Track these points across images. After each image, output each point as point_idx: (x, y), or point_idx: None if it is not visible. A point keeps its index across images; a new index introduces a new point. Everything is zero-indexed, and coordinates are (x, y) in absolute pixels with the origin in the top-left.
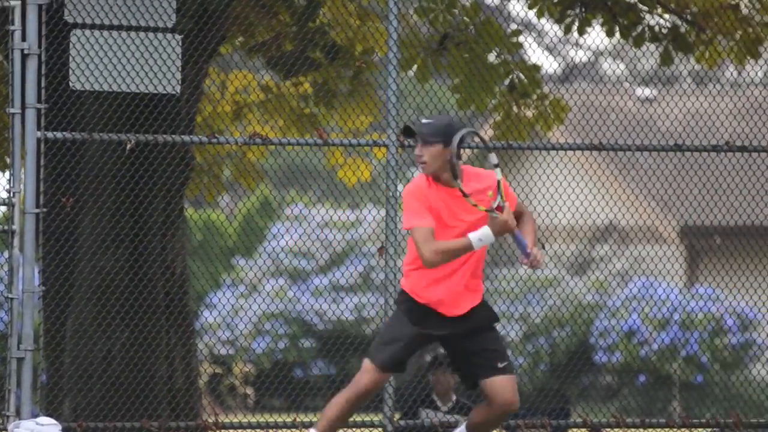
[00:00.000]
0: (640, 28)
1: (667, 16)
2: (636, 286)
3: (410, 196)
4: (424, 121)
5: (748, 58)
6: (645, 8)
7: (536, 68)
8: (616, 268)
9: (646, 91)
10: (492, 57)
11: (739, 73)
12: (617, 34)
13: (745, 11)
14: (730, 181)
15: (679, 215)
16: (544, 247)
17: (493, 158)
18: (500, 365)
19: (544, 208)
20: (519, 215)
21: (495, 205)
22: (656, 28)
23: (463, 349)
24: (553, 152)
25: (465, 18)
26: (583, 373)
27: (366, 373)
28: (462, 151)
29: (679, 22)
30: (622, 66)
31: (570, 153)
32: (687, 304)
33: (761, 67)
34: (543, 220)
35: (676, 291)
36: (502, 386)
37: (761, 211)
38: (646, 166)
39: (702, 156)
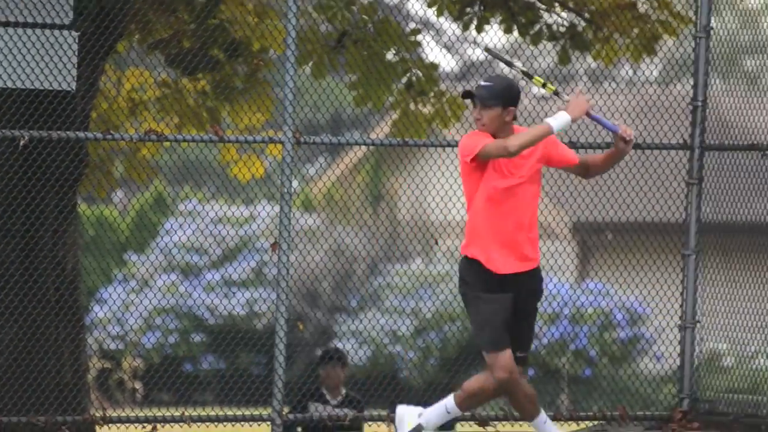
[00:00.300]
0: (537, 27)
1: (564, 14)
2: None
3: (471, 134)
4: (482, 83)
5: (644, 55)
6: (543, 6)
7: (434, 66)
8: None
9: (543, 90)
10: (390, 55)
11: (635, 72)
12: (515, 32)
13: (642, 9)
14: (622, 177)
15: (572, 211)
16: (437, 243)
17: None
18: (519, 354)
19: (438, 204)
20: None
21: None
22: (554, 27)
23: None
24: (448, 149)
25: (364, 16)
26: (473, 367)
27: None
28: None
29: (576, 21)
30: (519, 64)
31: None
32: (577, 299)
33: (656, 66)
34: (437, 217)
35: (567, 286)
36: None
37: (653, 207)
38: None
39: (596, 153)
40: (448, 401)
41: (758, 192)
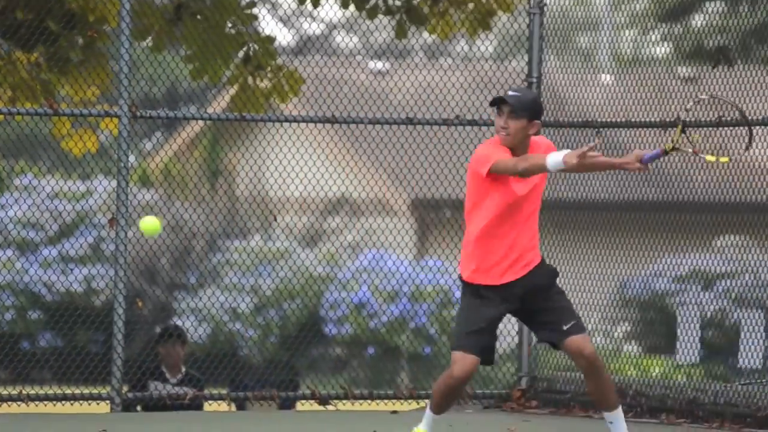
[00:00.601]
0: (373, 1)
1: None
2: (366, 258)
3: (488, 144)
4: (512, 92)
5: (480, 30)
6: None
7: (270, 39)
8: (347, 241)
9: (379, 65)
10: (227, 28)
11: (470, 48)
12: (351, 7)
13: None
14: (460, 154)
15: (410, 188)
16: (276, 219)
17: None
18: (565, 327)
19: (276, 180)
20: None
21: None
22: (390, 1)
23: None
24: (286, 125)
25: None
26: (312, 345)
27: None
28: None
29: None
30: (355, 39)
31: (303, 125)
32: (416, 277)
33: (491, 42)
34: (276, 193)
35: (406, 263)
36: (575, 346)
37: None
38: (378, 139)
39: (433, 129)
40: (427, 410)
41: None
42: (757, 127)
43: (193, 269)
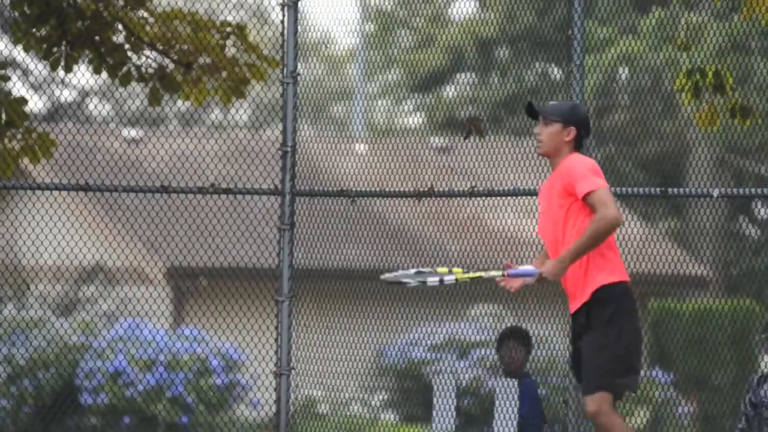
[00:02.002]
0: (126, 67)
1: (153, 55)
2: (122, 327)
3: (580, 162)
4: (551, 102)
5: (234, 98)
6: (131, 48)
7: (22, 100)
8: (102, 309)
9: (133, 132)
10: None
11: (225, 116)
12: (104, 74)
13: (230, 53)
14: (215, 222)
15: (165, 256)
16: (29, 287)
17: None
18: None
19: (29, 248)
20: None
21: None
22: (143, 68)
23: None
24: (39, 192)
25: None
26: (68, 415)
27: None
28: None
29: (165, 62)
30: (108, 106)
31: (56, 193)
32: (173, 345)
33: (245, 111)
34: (29, 261)
35: (162, 332)
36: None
37: (246, 252)
38: (132, 207)
39: (188, 198)
40: None
41: (349, 238)
42: (508, 198)
43: None
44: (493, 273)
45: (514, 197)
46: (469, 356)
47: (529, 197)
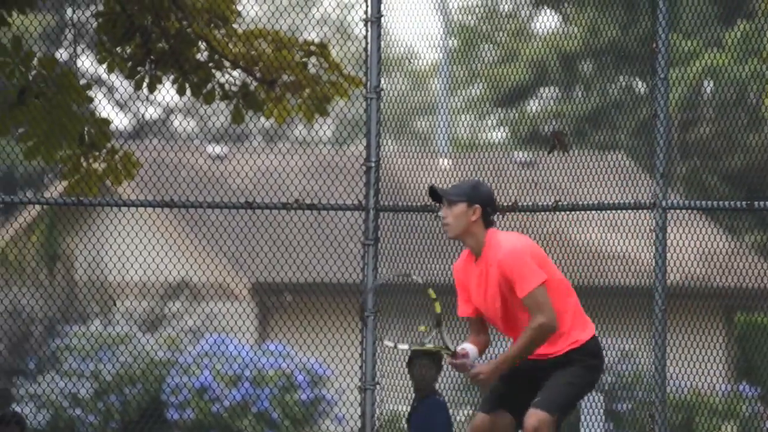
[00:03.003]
0: (210, 86)
1: (236, 73)
2: (208, 342)
3: (517, 255)
4: (452, 185)
5: (317, 115)
6: (214, 66)
7: (106, 122)
8: (188, 325)
9: (217, 149)
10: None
11: (308, 132)
12: (188, 92)
13: (313, 70)
14: (300, 238)
15: (250, 272)
16: (115, 303)
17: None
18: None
19: (115, 264)
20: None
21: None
22: (226, 86)
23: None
24: (125, 209)
25: (42, 71)
26: (154, 430)
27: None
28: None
29: (248, 80)
30: (193, 123)
31: (142, 210)
32: (258, 361)
33: (329, 126)
34: (115, 277)
35: (248, 347)
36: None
37: (330, 268)
38: (217, 224)
39: (272, 213)
40: None
41: (433, 252)
42: (592, 212)
43: (31, 354)
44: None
45: (598, 211)
46: None
47: (613, 211)
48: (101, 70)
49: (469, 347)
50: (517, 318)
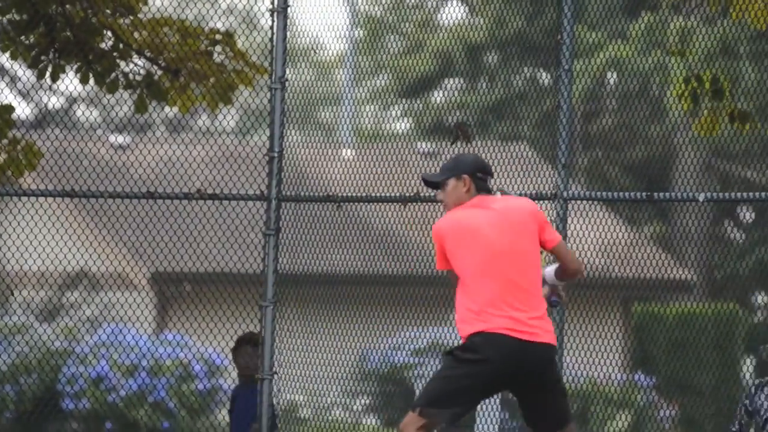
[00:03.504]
0: (114, 75)
1: (141, 62)
2: (105, 332)
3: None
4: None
5: (221, 105)
6: (119, 55)
7: (7, 109)
8: (86, 315)
9: (120, 139)
10: None
11: (212, 122)
12: (91, 81)
13: (217, 59)
14: (201, 228)
15: (150, 262)
16: (13, 293)
17: None
18: None
19: (14, 254)
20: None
21: None
22: (130, 75)
23: None
24: (24, 198)
25: None
26: (49, 420)
27: None
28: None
29: (153, 69)
30: (96, 113)
31: (42, 199)
32: (155, 351)
33: (232, 117)
34: (13, 267)
35: (145, 337)
36: None
37: (230, 258)
38: (118, 213)
39: (174, 203)
40: None
41: (334, 242)
42: None
43: None
44: None
45: None
46: None
47: None
48: (4, 59)
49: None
50: (526, 251)
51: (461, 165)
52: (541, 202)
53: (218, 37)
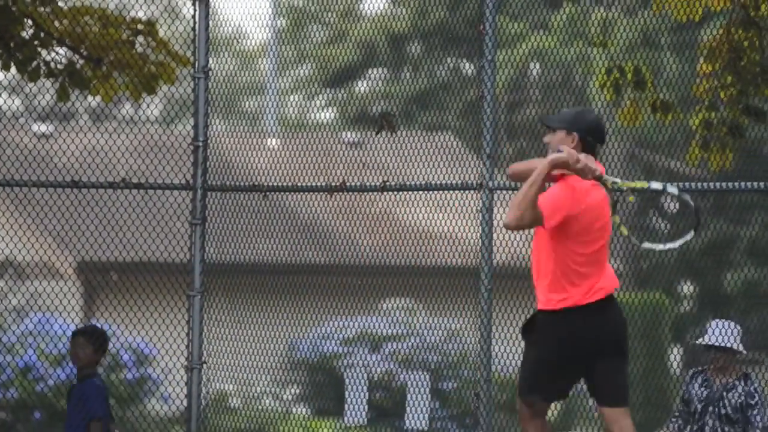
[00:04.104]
0: (35, 63)
1: (62, 51)
2: (32, 321)
3: (564, 191)
4: (562, 110)
5: (145, 94)
6: (40, 44)
7: None
8: (12, 304)
9: (43, 127)
10: None
11: (136, 111)
12: (13, 69)
13: (140, 49)
14: (126, 217)
15: (76, 251)
16: None
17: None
18: None
19: None
20: None
21: None
22: (52, 64)
23: None
24: None
25: None
26: None
27: None
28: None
29: (75, 58)
30: (18, 101)
31: None
32: None
33: (156, 106)
34: None
35: (73, 326)
36: None
37: (157, 247)
38: (42, 202)
39: (99, 192)
40: None
41: (261, 232)
42: (420, 193)
43: None
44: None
45: (425, 192)
46: (381, 350)
47: (440, 192)
48: None
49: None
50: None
51: (578, 122)
52: (467, 192)
53: (140, 26)
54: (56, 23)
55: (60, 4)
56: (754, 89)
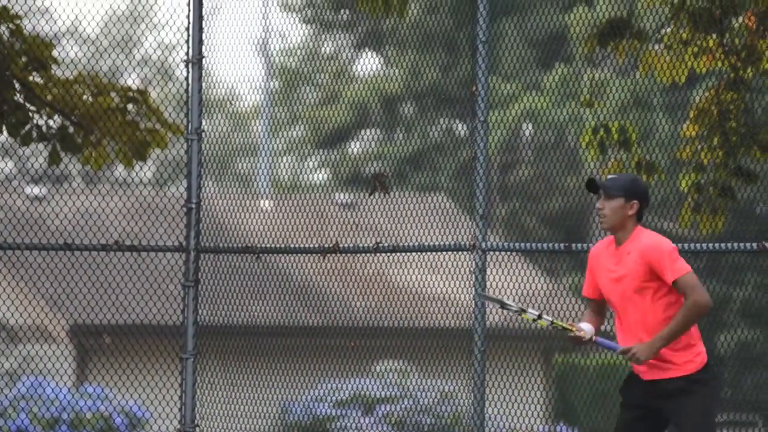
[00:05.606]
0: (28, 127)
1: (55, 116)
2: (25, 385)
3: (665, 244)
4: (609, 176)
5: (135, 161)
6: (33, 108)
7: None
8: (5, 368)
9: (36, 190)
10: None
11: (129, 173)
12: (5, 132)
13: (129, 117)
14: (119, 280)
15: (69, 314)
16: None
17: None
18: None
19: None
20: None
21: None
22: (44, 128)
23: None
24: None
25: None
26: None
27: None
28: None
29: (66, 123)
30: (11, 164)
31: None
32: (76, 404)
33: (149, 168)
34: None
35: (66, 390)
36: None
37: (150, 310)
38: (35, 265)
39: (92, 255)
40: None
41: (254, 294)
42: (413, 254)
43: None
44: (582, 333)
45: (418, 253)
46: (375, 412)
47: (433, 253)
48: None
49: (585, 326)
50: (632, 300)
51: (637, 189)
52: (460, 253)
53: (131, 94)
54: (48, 90)
55: (53, 68)
56: (745, 150)
